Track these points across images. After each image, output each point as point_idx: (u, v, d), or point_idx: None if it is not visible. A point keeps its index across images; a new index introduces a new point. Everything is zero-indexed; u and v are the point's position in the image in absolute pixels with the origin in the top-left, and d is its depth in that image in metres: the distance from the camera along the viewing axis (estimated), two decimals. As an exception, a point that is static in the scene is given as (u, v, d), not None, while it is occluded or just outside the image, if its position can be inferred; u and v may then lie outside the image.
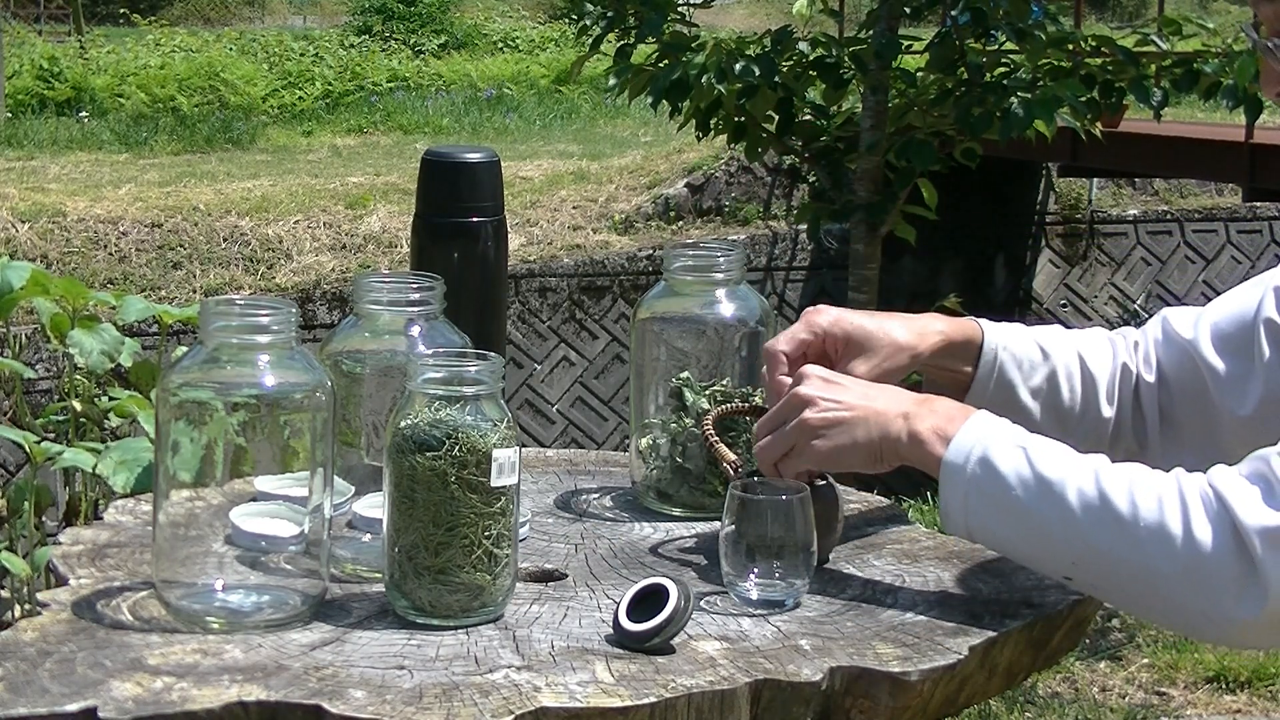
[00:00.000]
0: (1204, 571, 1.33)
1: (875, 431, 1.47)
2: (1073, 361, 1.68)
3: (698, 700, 1.24)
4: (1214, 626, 1.37)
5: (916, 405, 1.48)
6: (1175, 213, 10.82)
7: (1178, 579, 1.34)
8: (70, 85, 13.86)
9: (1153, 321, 1.72)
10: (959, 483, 1.42)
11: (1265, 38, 1.49)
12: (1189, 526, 1.33)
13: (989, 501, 1.41)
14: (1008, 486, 1.40)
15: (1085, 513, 1.37)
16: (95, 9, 22.51)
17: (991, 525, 1.42)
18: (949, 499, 1.44)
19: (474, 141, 11.88)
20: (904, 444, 1.46)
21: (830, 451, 1.48)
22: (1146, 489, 1.36)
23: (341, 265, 8.80)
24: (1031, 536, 1.41)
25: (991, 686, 1.43)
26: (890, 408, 1.48)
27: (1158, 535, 1.34)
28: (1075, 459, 1.40)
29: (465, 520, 1.36)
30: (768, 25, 5.96)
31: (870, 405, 1.48)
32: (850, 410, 1.48)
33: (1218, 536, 1.33)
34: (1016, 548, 1.44)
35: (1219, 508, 1.33)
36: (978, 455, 1.42)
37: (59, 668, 1.26)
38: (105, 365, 2.61)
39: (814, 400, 1.49)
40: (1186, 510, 1.34)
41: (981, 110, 5.09)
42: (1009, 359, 1.65)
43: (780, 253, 9.70)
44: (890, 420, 1.47)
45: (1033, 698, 4.58)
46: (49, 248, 8.51)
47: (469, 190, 2.12)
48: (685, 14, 5.71)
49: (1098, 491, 1.37)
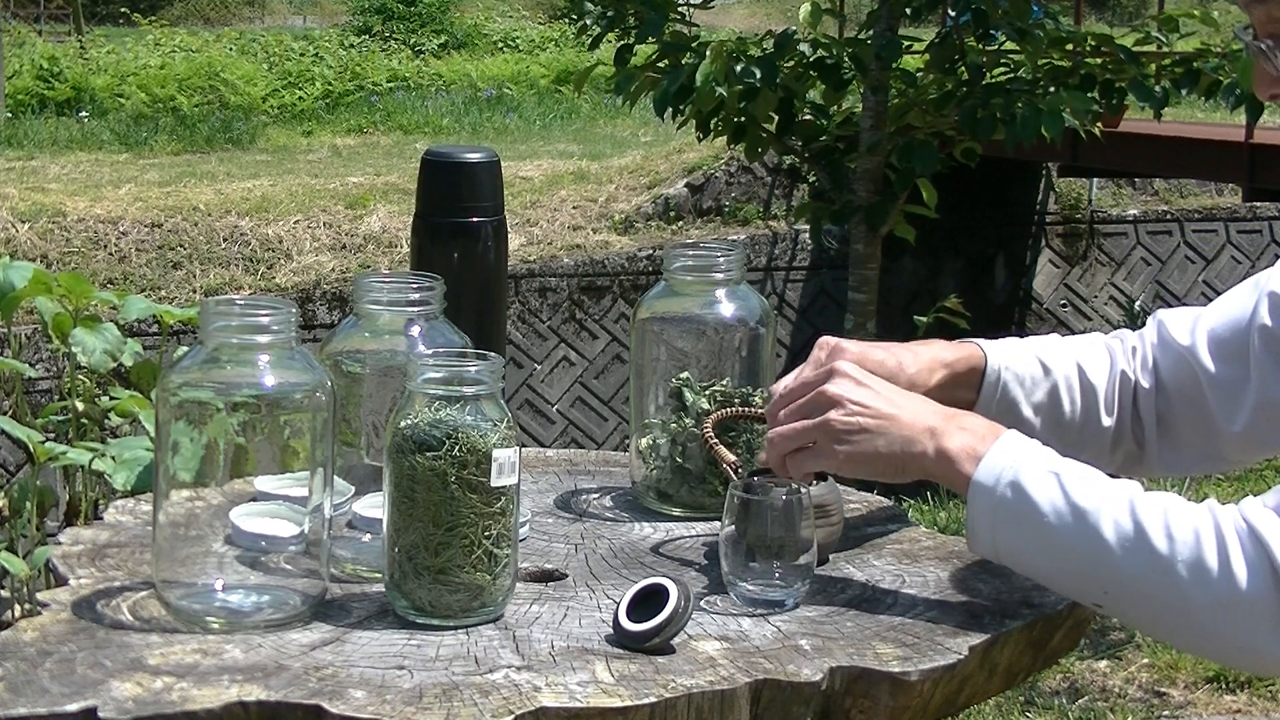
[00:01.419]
0: (1241, 605, 1.33)
1: (899, 444, 1.46)
2: (1072, 373, 1.68)
3: (698, 700, 1.24)
4: (1249, 659, 1.38)
5: (945, 420, 1.46)
6: (1175, 213, 10.82)
7: (1213, 612, 1.34)
8: (70, 85, 13.86)
9: (1149, 325, 1.72)
10: (988, 505, 1.42)
11: (1257, 39, 1.49)
12: (1226, 561, 1.34)
13: (1019, 526, 1.40)
14: (1040, 513, 1.39)
15: (1120, 544, 1.36)
16: (95, 9, 22.51)
17: (1021, 550, 1.42)
18: (977, 520, 1.43)
19: (474, 141, 11.88)
20: (930, 460, 1.45)
21: (851, 457, 1.47)
22: (1182, 522, 1.36)
23: (341, 265, 8.80)
24: (1063, 564, 1.40)
25: (991, 686, 1.43)
26: (919, 420, 1.46)
27: (1195, 570, 1.34)
28: (1109, 487, 1.40)
29: (465, 520, 1.36)
30: (768, 25, 5.96)
31: (899, 415, 1.47)
32: (877, 418, 1.47)
33: (1254, 571, 1.33)
34: (1047, 573, 1.43)
35: (1254, 542, 1.34)
36: (1009, 479, 1.41)
37: (59, 668, 1.26)
38: (108, 364, 2.61)
39: (842, 401, 1.48)
40: (1224, 544, 1.34)
41: (985, 113, 5.09)
42: (1011, 379, 1.65)
43: (780, 253, 9.70)
44: (917, 434, 1.45)
45: (1033, 698, 4.58)
46: (49, 248, 8.51)
47: (469, 190, 2.12)
48: (685, 14, 5.71)
49: (1133, 523, 1.36)
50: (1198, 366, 1.64)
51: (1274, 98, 1.51)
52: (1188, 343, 1.66)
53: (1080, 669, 4.82)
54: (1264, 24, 1.48)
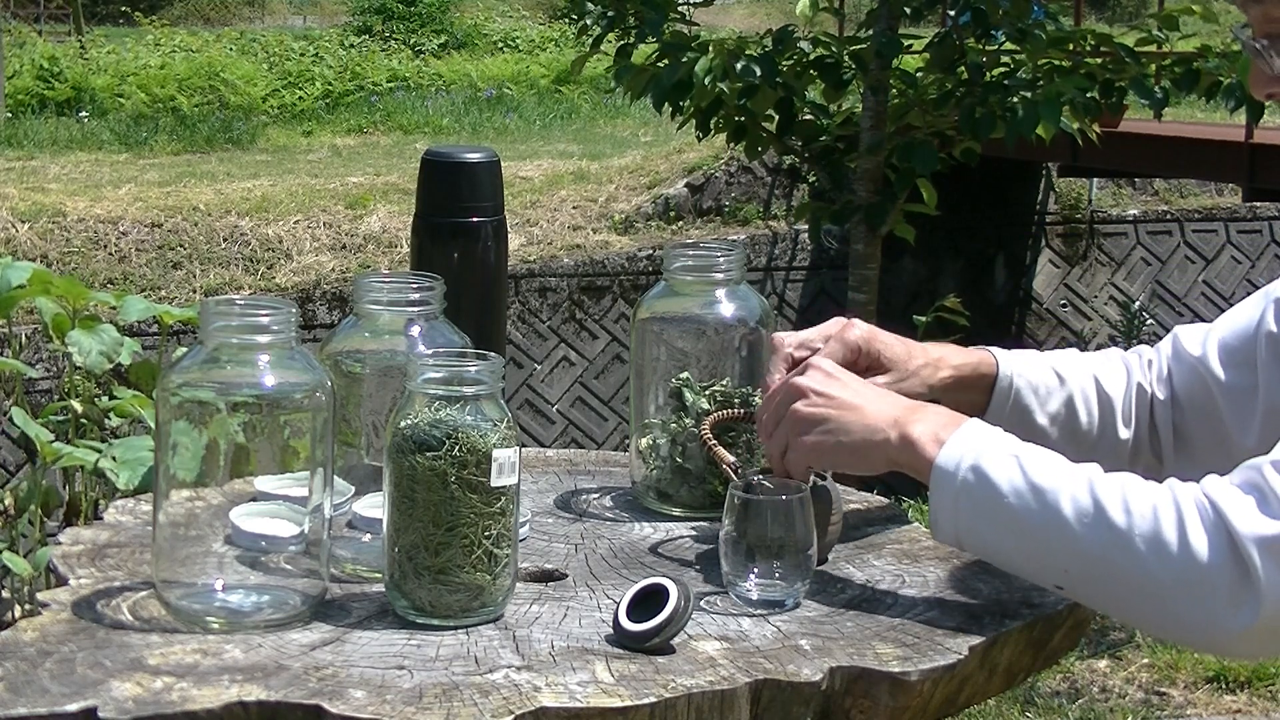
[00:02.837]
0: (1200, 580, 1.32)
1: (862, 432, 1.46)
2: (1089, 385, 1.68)
3: (698, 700, 1.24)
4: (1209, 636, 1.36)
5: (909, 411, 1.47)
6: (1175, 213, 10.82)
7: (1173, 588, 1.33)
8: (70, 85, 13.86)
9: (1165, 339, 1.73)
10: (949, 488, 1.42)
11: (1254, 39, 1.49)
12: (1185, 535, 1.33)
13: (980, 508, 1.40)
14: (1000, 494, 1.39)
15: (1079, 521, 1.36)
16: (95, 9, 22.51)
17: (982, 532, 1.42)
18: (938, 504, 1.43)
19: (474, 141, 11.88)
20: (893, 446, 1.45)
21: (814, 447, 1.48)
22: (1141, 498, 1.36)
23: (341, 265, 8.80)
24: (1023, 544, 1.40)
25: (991, 686, 1.43)
26: (883, 411, 1.47)
27: (1153, 544, 1.33)
28: (1069, 468, 1.40)
29: (465, 520, 1.36)
30: (768, 25, 5.96)
31: (863, 406, 1.48)
32: (840, 408, 1.48)
33: (1214, 546, 1.32)
34: (1007, 556, 1.43)
35: (1214, 517, 1.33)
36: (969, 462, 1.41)
37: (59, 668, 1.26)
38: (104, 365, 2.61)
39: (806, 392, 1.50)
40: (1182, 519, 1.33)
41: (984, 111, 5.09)
42: (1025, 385, 1.65)
43: (780, 253, 9.70)
44: (881, 423, 1.46)
45: (1033, 698, 4.58)
46: (49, 248, 8.51)
47: (469, 190, 2.12)
48: (685, 14, 5.71)
49: (1092, 500, 1.36)
50: (1209, 376, 1.65)
51: (1270, 96, 1.52)
52: (1199, 353, 1.66)
53: (1080, 669, 4.82)
54: (1261, 23, 1.48)
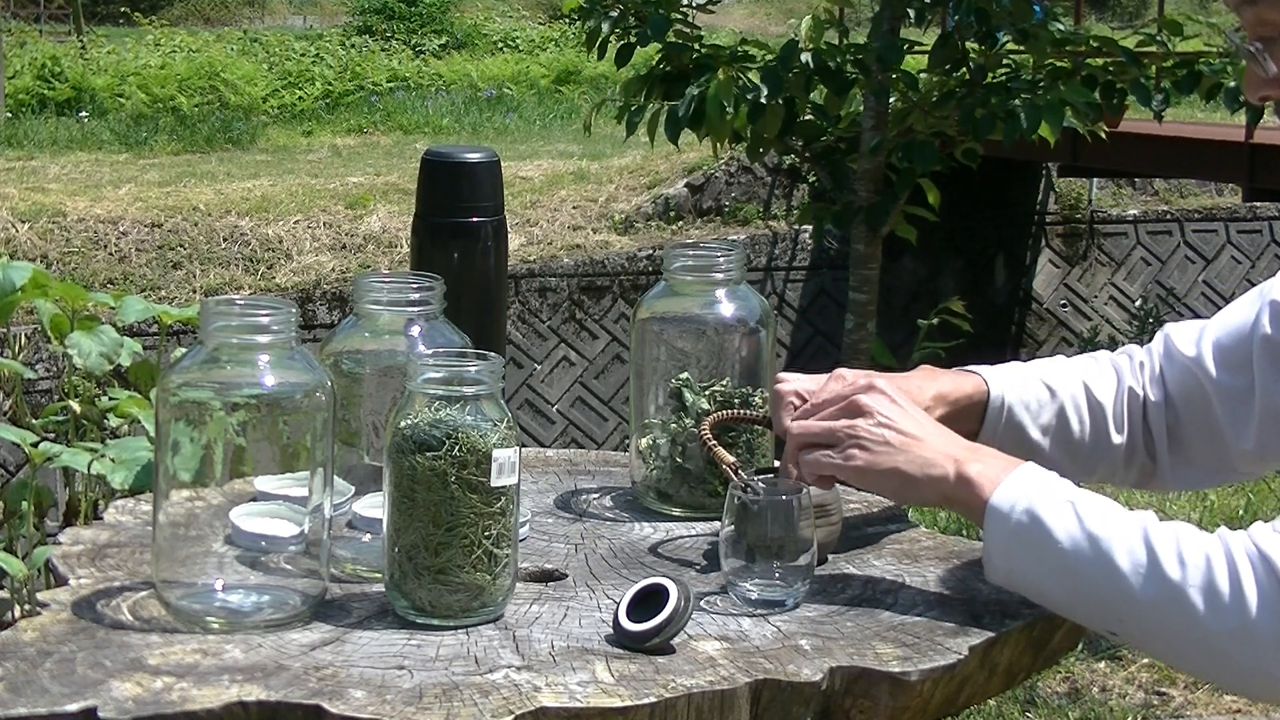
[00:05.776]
0: (1253, 631, 1.33)
1: (919, 465, 1.47)
2: (1079, 393, 1.68)
3: (698, 700, 1.24)
4: (1261, 685, 1.38)
5: (969, 451, 1.48)
6: (1175, 213, 10.82)
7: (1226, 638, 1.34)
8: (70, 85, 13.86)
9: (1156, 339, 1.73)
10: (1003, 530, 1.42)
11: (1247, 42, 1.49)
12: (1238, 586, 1.34)
13: (1034, 553, 1.41)
14: (1054, 539, 1.39)
15: (1134, 572, 1.37)
16: (96, 9, 22.51)
17: (1035, 577, 1.42)
18: (991, 545, 1.44)
19: (474, 141, 11.89)
20: (949, 483, 1.46)
21: (867, 467, 1.48)
22: (1194, 548, 1.36)
23: (341, 265, 8.80)
24: (1078, 592, 1.41)
25: (991, 686, 1.43)
26: (941, 447, 1.48)
27: (1206, 595, 1.35)
28: (1122, 515, 1.40)
29: (465, 520, 1.36)
30: (768, 25, 5.95)
31: (925, 439, 1.49)
32: (903, 435, 1.49)
33: (1264, 596, 1.33)
34: (1061, 601, 1.43)
35: (1265, 568, 1.34)
36: (1024, 506, 1.41)
37: (59, 668, 1.26)
38: (103, 367, 2.60)
39: (872, 412, 1.50)
40: (1235, 569, 1.34)
41: (985, 112, 5.08)
42: (1016, 403, 1.65)
43: (780, 253, 9.70)
44: (940, 458, 1.47)
45: (1033, 698, 4.58)
46: (49, 248, 8.51)
47: (469, 190, 2.12)
48: (687, 14, 5.70)
49: (1146, 550, 1.37)
50: (1204, 377, 1.64)
51: (1264, 99, 1.51)
52: (1193, 354, 1.66)
53: (1080, 669, 4.82)
54: (1254, 26, 1.48)
